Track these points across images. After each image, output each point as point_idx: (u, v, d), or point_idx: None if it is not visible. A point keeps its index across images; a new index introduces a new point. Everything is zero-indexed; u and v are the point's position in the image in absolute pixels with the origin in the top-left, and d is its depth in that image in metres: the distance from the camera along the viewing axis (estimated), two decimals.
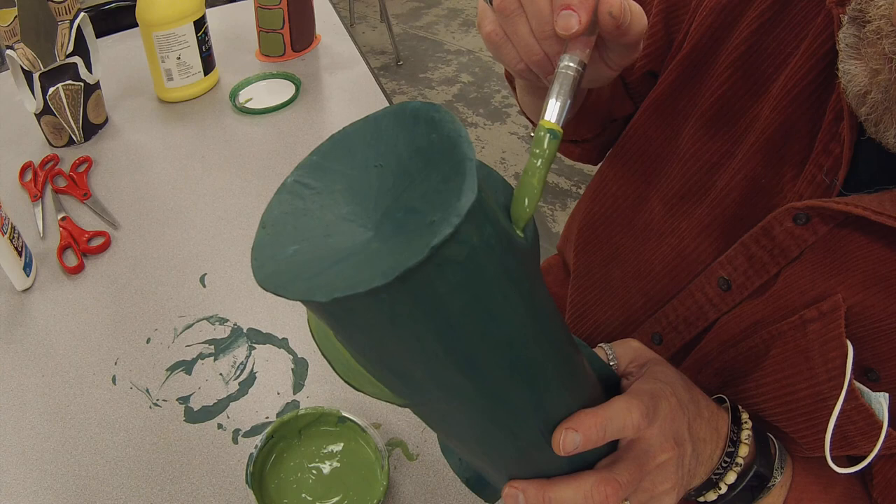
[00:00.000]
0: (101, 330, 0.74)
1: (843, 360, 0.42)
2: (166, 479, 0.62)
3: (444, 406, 0.33)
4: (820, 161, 0.45)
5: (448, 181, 0.26)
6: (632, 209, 0.59)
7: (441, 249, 0.25)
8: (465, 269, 0.26)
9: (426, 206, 0.26)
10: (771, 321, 0.47)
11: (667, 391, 0.40)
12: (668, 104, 0.55)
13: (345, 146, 0.31)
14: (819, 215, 0.44)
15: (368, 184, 0.29)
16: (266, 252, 0.29)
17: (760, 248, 0.48)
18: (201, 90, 1.06)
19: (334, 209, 0.29)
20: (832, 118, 0.44)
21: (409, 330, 0.27)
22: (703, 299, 0.52)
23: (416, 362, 0.30)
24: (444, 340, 0.28)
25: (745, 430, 0.44)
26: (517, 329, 0.30)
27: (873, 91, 0.37)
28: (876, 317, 0.42)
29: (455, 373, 0.30)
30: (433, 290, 0.26)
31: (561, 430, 0.35)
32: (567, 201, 2.19)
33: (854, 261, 0.43)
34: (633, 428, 0.37)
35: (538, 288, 0.32)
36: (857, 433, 0.42)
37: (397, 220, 0.27)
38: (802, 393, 0.44)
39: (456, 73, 2.80)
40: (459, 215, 0.24)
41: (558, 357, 0.34)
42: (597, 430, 0.35)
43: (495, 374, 0.31)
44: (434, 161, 0.27)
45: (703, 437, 0.42)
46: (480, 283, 0.27)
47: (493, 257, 0.27)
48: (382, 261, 0.25)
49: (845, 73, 0.39)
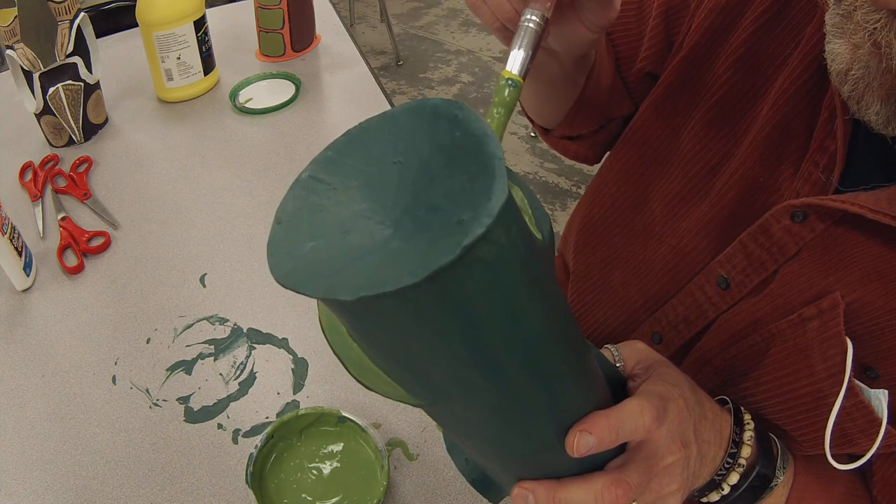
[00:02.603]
0: (101, 330, 0.74)
1: (843, 357, 0.42)
2: (166, 479, 0.62)
3: (459, 406, 0.33)
4: (816, 158, 0.45)
5: (475, 180, 0.26)
6: (631, 210, 0.59)
7: (472, 249, 0.24)
8: (492, 269, 0.26)
9: (452, 205, 0.26)
10: (770, 320, 0.47)
11: (675, 393, 0.40)
12: (667, 105, 0.55)
13: (361, 142, 0.30)
14: (816, 213, 0.44)
15: (386, 180, 0.29)
16: (282, 248, 0.28)
17: (758, 247, 0.48)
18: (201, 90, 1.06)
19: (350, 205, 0.29)
20: (827, 116, 0.44)
21: (434, 330, 0.27)
22: (703, 298, 0.52)
23: (437, 363, 0.29)
24: (467, 341, 0.28)
25: (748, 431, 0.44)
26: (538, 329, 0.30)
27: (854, 68, 0.38)
28: (874, 314, 0.42)
29: (475, 374, 0.30)
30: (461, 290, 0.26)
31: (575, 432, 0.35)
32: (567, 201, 2.19)
33: (851, 258, 0.43)
34: (645, 430, 0.37)
35: (554, 288, 0.32)
36: (857, 430, 0.42)
37: (419, 219, 0.27)
38: (802, 391, 0.45)
39: (456, 73, 2.80)
40: (491, 215, 0.24)
41: (573, 358, 0.34)
42: (610, 432, 0.35)
43: (515, 374, 0.31)
44: (458, 159, 0.27)
45: (708, 438, 0.42)
46: (507, 283, 0.27)
47: (518, 258, 0.27)
48: (408, 260, 0.25)
49: (830, 52, 0.39)
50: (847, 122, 0.42)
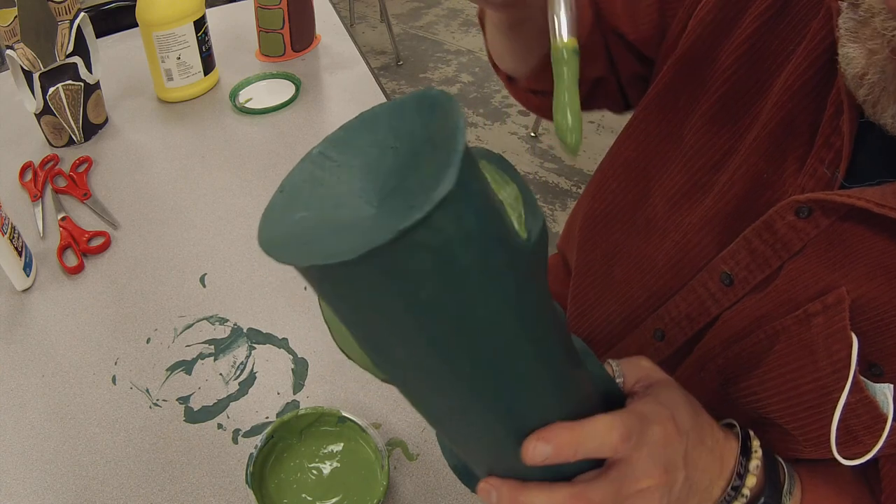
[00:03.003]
0: (101, 330, 0.74)
1: (848, 352, 0.41)
2: (166, 479, 0.62)
3: (421, 387, 0.34)
4: (821, 154, 0.45)
5: (440, 170, 0.26)
6: (633, 206, 0.59)
7: (410, 234, 0.25)
8: (437, 255, 0.27)
9: (417, 191, 0.27)
10: (774, 317, 0.47)
11: (664, 416, 0.39)
12: (669, 100, 0.55)
13: (370, 125, 0.32)
14: (821, 208, 0.44)
15: (383, 163, 0.30)
16: (275, 215, 0.30)
17: (762, 242, 0.47)
18: (201, 90, 1.06)
19: (349, 183, 0.30)
20: (833, 111, 0.44)
21: (379, 307, 0.28)
22: (706, 294, 0.52)
23: (390, 338, 0.30)
24: (414, 321, 0.29)
25: (755, 460, 0.42)
26: (492, 325, 0.30)
27: (870, 72, 0.37)
28: (880, 309, 0.42)
29: (426, 355, 0.30)
30: (401, 271, 0.27)
31: (532, 439, 0.34)
32: (567, 201, 2.19)
33: (857, 254, 0.43)
34: (611, 449, 0.36)
35: (531, 290, 0.31)
36: (862, 427, 0.42)
37: (395, 201, 0.28)
38: (807, 387, 0.44)
39: (456, 73, 2.80)
40: (433, 202, 0.25)
41: (542, 363, 0.33)
42: (570, 445, 0.34)
43: (466, 365, 0.31)
44: (438, 148, 0.28)
45: (703, 466, 0.41)
46: (453, 272, 0.28)
47: (472, 250, 0.27)
48: (367, 237, 0.26)
49: (844, 56, 0.39)
50: (854, 118, 0.42)
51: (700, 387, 0.52)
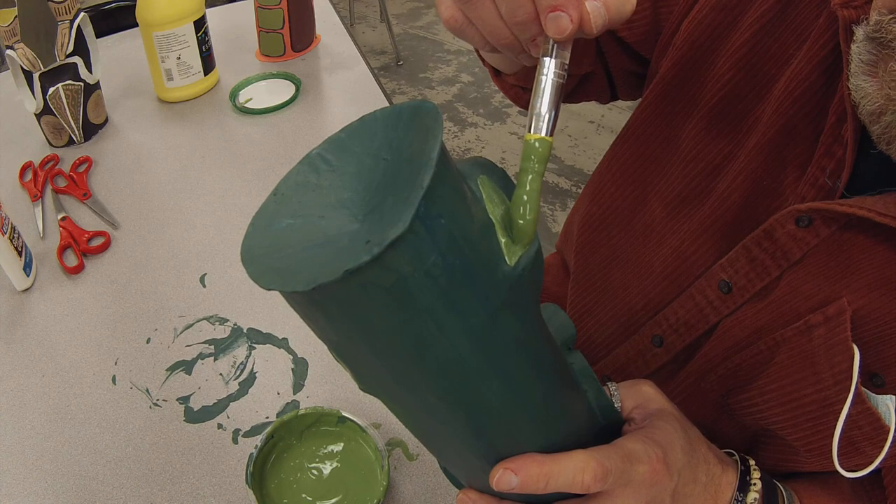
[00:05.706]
0: (101, 330, 0.74)
1: (850, 363, 0.41)
2: (166, 479, 0.62)
3: (392, 406, 0.34)
4: (823, 163, 0.45)
5: (405, 204, 0.25)
6: (631, 211, 0.58)
7: (356, 274, 0.24)
8: (391, 293, 0.26)
9: (387, 218, 0.26)
10: (775, 327, 0.47)
11: (654, 455, 0.37)
12: (666, 104, 0.55)
13: (369, 130, 0.31)
14: (822, 217, 0.43)
15: (374, 175, 0.29)
16: (264, 220, 0.30)
17: (762, 251, 0.47)
18: (201, 90, 1.06)
19: (339, 191, 0.30)
20: (835, 120, 0.44)
21: (339, 331, 0.28)
22: (704, 302, 0.52)
23: (356, 358, 0.30)
24: (370, 350, 0.28)
25: (752, 493, 0.42)
26: (455, 360, 0.29)
27: (888, 112, 0.37)
28: (881, 320, 0.41)
29: (391, 380, 0.30)
30: (352, 304, 0.26)
31: (500, 468, 0.33)
32: (567, 201, 2.19)
33: (858, 264, 0.43)
34: (582, 488, 0.35)
35: (508, 321, 0.30)
36: (864, 438, 0.42)
37: (373, 222, 0.27)
38: (808, 399, 0.44)
39: (456, 73, 2.80)
40: (381, 245, 0.24)
41: (513, 394, 0.32)
42: (539, 479, 0.34)
43: (429, 394, 0.30)
44: (413, 174, 0.26)
45: (692, 502, 0.40)
46: (410, 309, 0.27)
47: (432, 287, 0.26)
48: (337, 258, 0.26)
49: (857, 88, 0.38)
50: (857, 127, 0.42)
51: (701, 397, 0.52)
